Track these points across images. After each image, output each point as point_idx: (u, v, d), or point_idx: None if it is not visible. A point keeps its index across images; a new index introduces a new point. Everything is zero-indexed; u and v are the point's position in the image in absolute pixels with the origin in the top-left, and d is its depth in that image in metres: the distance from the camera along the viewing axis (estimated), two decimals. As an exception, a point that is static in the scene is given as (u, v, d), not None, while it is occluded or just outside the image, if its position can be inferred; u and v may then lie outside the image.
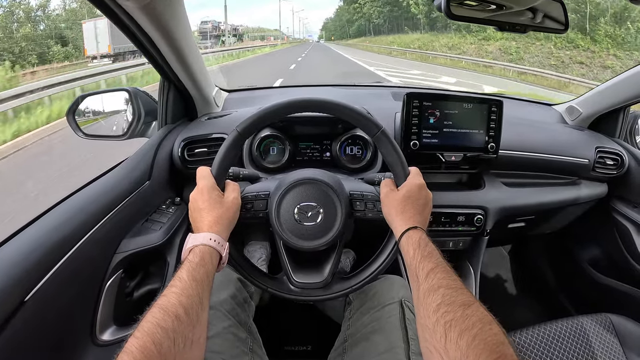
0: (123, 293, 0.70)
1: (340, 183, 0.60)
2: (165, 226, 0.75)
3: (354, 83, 1.44)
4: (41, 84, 5.47)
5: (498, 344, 0.35)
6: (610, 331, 0.75)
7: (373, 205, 0.59)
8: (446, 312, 0.38)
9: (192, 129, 0.89)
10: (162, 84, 0.88)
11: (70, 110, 0.84)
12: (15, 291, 0.46)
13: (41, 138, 4.48)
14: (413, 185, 0.55)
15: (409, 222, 0.52)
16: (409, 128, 0.83)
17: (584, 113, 1.07)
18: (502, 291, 1.42)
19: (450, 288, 0.41)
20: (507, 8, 0.69)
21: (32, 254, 0.50)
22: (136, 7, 0.57)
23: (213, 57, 14.05)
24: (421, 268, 0.45)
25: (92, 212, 0.62)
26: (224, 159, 0.56)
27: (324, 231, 0.56)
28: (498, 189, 0.95)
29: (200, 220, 0.52)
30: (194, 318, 0.40)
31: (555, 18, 0.73)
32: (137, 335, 0.36)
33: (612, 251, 1.06)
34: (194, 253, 0.47)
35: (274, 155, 0.90)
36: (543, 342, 0.72)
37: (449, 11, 0.61)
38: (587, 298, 1.18)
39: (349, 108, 0.58)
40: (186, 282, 0.42)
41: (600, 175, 1.00)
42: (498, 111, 0.83)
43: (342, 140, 0.89)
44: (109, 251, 0.66)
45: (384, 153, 0.59)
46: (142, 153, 0.80)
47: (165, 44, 0.69)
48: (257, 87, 1.28)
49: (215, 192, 0.54)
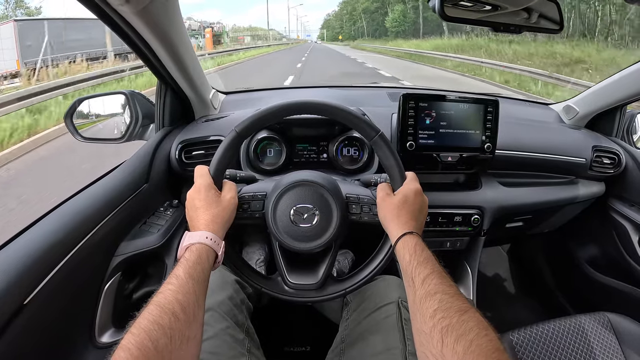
0: (122, 295, 0.70)
1: (336, 185, 0.61)
2: (163, 228, 0.76)
3: (350, 84, 1.44)
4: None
5: (494, 350, 0.35)
6: (608, 329, 0.75)
7: (369, 208, 0.59)
8: (443, 317, 0.39)
9: (190, 132, 0.89)
10: (159, 87, 0.88)
11: (68, 114, 0.85)
12: (15, 294, 0.47)
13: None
14: (409, 191, 0.56)
15: (405, 227, 0.52)
16: (405, 129, 0.83)
17: (581, 112, 1.07)
18: (501, 290, 1.43)
19: (446, 294, 0.42)
20: (502, 9, 0.69)
21: (32, 257, 0.50)
22: (132, 11, 0.57)
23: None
24: (417, 274, 0.46)
25: (91, 215, 0.62)
26: (222, 158, 0.56)
27: (319, 233, 0.57)
28: (495, 189, 0.95)
29: (197, 219, 0.52)
30: (190, 315, 0.40)
31: (551, 18, 0.73)
32: (134, 332, 0.36)
33: (610, 250, 1.06)
34: (190, 251, 0.47)
35: (271, 157, 0.90)
36: (541, 341, 0.72)
37: (442, 12, 0.61)
38: (585, 297, 1.18)
39: (346, 111, 0.58)
40: (183, 279, 0.43)
41: (598, 174, 1.00)
42: (494, 111, 0.83)
43: (338, 141, 0.89)
44: (107, 254, 0.66)
45: (381, 157, 0.59)
46: (139, 156, 0.80)
47: (161, 47, 0.70)
48: (255, 89, 1.28)
49: (212, 191, 0.54)
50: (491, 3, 0.68)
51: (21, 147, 3.91)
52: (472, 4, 0.67)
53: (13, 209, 2.55)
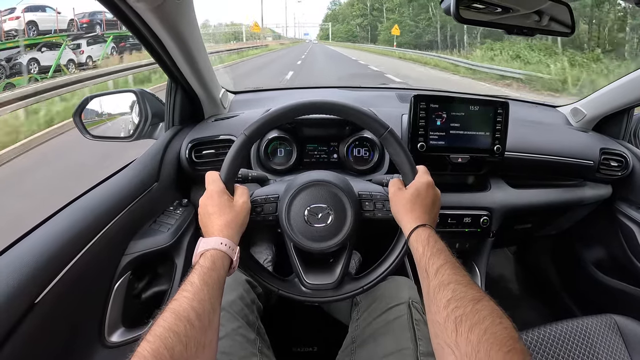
0: (131, 294, 0.70)
1: (348, 184, 0.61)
2: (173, 228, 0.75)
3: (359, 85, 1.44)
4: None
5: (508, 338, 0.35)
6: (614, 332, 0.75)
7: (382, 205, 0.59)
8: (456, 307, 0.39)
9: (200, 131, 0.89)
10: (170, 86, 0.88)
11: (77, 112, 0.85)
12: (27, 293, 0.47)
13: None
14: (421, 184, 0.55)
15: (418, 220, 0.52)
16: (417, 130, 0.83)
17: (589, 115, 1.08)
18: (507, 292, 1.43)
19: (460, 283, 0.42)
20: (513, 11, 0.70)
21: (43, 255, 0.50)
22: (147, 8, 0.57)
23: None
24: (431, 264, 0.45)
25: (101, 213, 0.62)
26: (233, 163, 0.56)
27: (334, 232, 0.57)
28: (504, 190, 0.95)
29: (211, 225, 0.52)
30: (205, 322, 0.40)
31: (562, 21, 0.73)
32: (150, 339, 0.36)
33: (617, 252, 1.06)
34: (205, 257, 0.47)
35: (281, 157, 0.90)
36: (547, 342, 0.72)
37: (457, 14, 0.62)
38: (592, 299, 1.18)
39: (355, 109, 0.58)
40: (198, 286, 0.42)
41: (605, 176, 1.00)
42: (504, 113, 0.84)
43: (349, 142, 0.89)
44: (117, 253, 0.66)
45: (392, 153, 0.59)
46: (150, 155, 0.80)
47: (174, 45, 0.69)
48: (264, 88, 1.28)
49: (225, 197, 0.54)
50: (503, 5, 0.68)
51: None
52: (485, 7, 0.67)
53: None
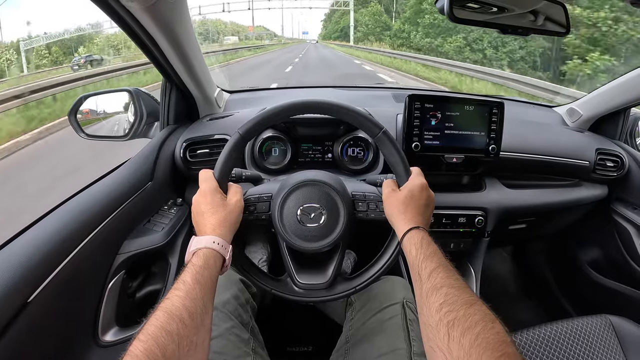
0: (125, 294, 0.69)
1: (342, 184, 0.60)
2: (167, 227, 0.75)
3: (354, 85, 1.44)
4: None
5: (500, 343, 0.35)
6: (610, 332, 0.75)
7: (375, 205, 0.59)
8: (449, 311, 0.39)
9: (194, 130, 0.89)
10: (164, 85, 0.88)
11: (72, 111, 0.85)
12: (19, 293, 0.46)
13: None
14: (415, 186, 0.55)
15: (411, 222, 0.52)
16: (411, 130, 0.83)
17: (585, 115, 1.08)
18: (503, 292, 1.43)
19: (452, 287, 0.42)
20: (508, 11, 0.70)
21: (35, 254, 0.50)
22: (140, 8, 0.57)
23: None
24: (423, 267, 0.45)
25: (95, 213, 0.62)
26: (226, 161, 0.56)
27: (327, 232, 0.57)
28: (499, 190, 0.95)
29: (204, 224, 0.52)
30: (198, 322, 0.40)
31: (557, 21, 0.73)
32: (142, 339, 0.35)
33: (613, 253, 1.06)
34: (198, 256, 0.47)
35: (275, 156, 0.90)
36: (543, 343, 0.72)
37: (451, 14, 0.62)
38: (588, 299, 1.18)
39: (350, 109, 0.58)
40: (190, 285, 0.42)
41: (601, 177, 1.00)
42: (499, 113, 0.84)
43: (343, 141, 0.89)
44: (111, 252, 0.66)
45: (386, 154, 0.59)
46: (144, 154, 0.80)
47: (168, 45, 0.69)
48: (259, 88, 1.28)
49: (218, 195, 0.54)
50: (497, 5, 0.68)
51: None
52: (480, 6, 0.67)
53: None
